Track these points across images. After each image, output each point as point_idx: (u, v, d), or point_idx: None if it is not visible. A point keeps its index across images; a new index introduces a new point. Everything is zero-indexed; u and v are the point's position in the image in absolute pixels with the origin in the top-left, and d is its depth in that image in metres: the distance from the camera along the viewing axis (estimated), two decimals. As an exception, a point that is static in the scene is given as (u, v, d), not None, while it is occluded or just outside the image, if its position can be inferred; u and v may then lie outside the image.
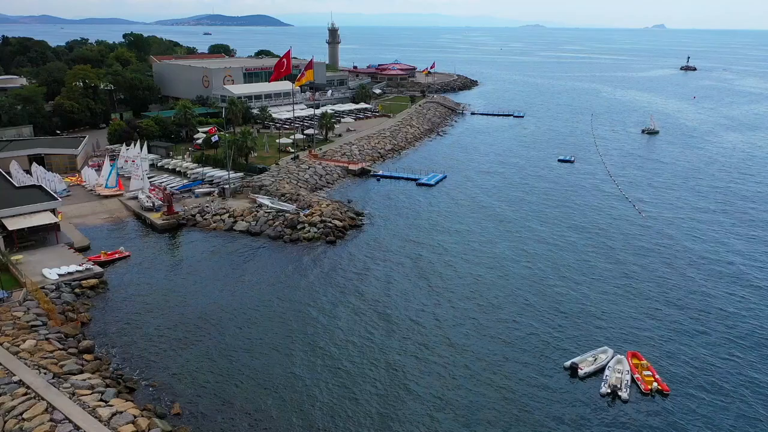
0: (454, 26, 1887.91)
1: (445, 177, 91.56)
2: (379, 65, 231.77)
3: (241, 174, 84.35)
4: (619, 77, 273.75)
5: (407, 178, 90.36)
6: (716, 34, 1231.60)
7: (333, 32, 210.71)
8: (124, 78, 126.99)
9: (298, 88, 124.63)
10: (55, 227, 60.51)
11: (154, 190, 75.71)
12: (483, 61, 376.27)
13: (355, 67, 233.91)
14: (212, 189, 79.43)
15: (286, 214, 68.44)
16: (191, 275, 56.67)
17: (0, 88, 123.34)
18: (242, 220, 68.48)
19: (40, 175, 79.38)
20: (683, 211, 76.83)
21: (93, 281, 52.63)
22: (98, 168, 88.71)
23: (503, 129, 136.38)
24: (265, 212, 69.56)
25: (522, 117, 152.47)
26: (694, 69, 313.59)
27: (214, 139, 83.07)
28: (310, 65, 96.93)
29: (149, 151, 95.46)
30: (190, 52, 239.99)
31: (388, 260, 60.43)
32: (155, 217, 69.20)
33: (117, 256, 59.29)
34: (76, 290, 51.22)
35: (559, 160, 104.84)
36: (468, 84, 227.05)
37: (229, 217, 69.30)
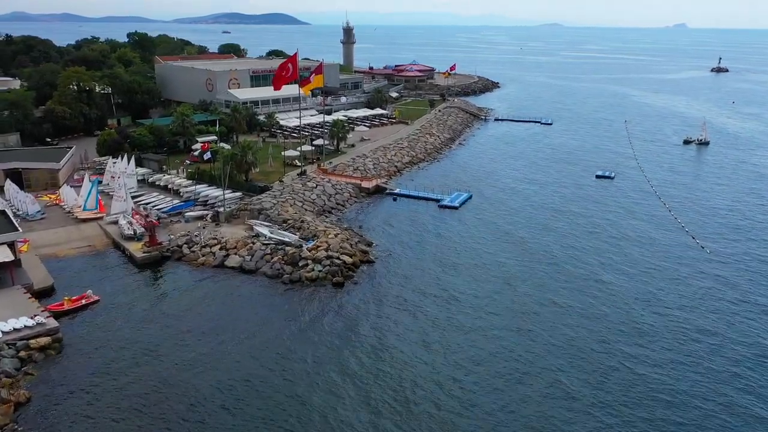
0: (468, 25, 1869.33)
1: (470, 197, 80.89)
2: (396, 66, 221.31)
3: (239, 194, 74.41)
4: (646, 79, 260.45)
5: (428, 198, 79.81)
6: (740, 34, 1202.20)
7: (348, 31, 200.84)
8: (122, 80, 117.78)
9: (308, 92, 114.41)
10: (9, 265, 50.83)
11: (137, 214, 65.98)
12: (503, 61, 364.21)
13: (371, 68, 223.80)
14: (205, 212, 69.56)
15: (287, 248, 58.27)
16: (169, 328, 46.69)
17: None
18: (236, 253, 58.43)
19: (12, 193, 70.25)
20: (758, 245, 65.37)
21: (45, 340, 42.84)
22: (81, 185, 79.42)
23: (531, 138, 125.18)
24: (263, 244, 59.45)
25: (550, 124, 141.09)
26: (726, 70, 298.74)
27: (207, 156, 73.27)
28: (319, 69, 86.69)
29: (140, 165, 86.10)
30: (201, 51, 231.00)
31: (404, 312, 49.96)
32: (135, 249, 59.44)
33: (83, 302, 49.52)
34: (21, 354, 41.44)
35: (597, 176, 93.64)
36: (489, 86, 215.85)
37: (220, 249, 59.30)
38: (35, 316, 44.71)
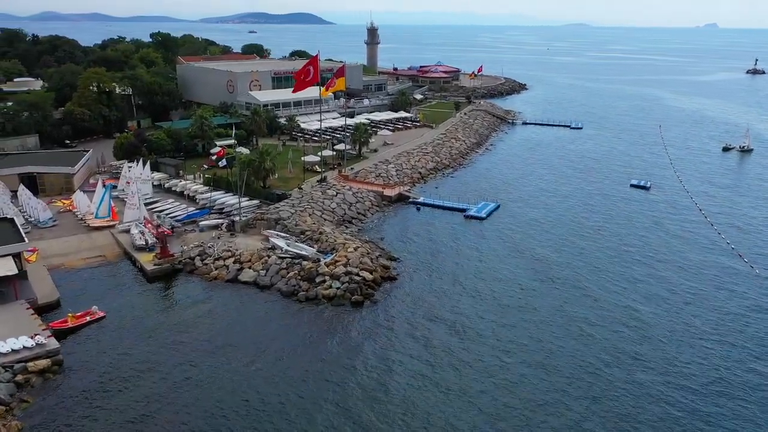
0: (492, 25, 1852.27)
1: (498, 207, 76.90)
2: (420, 67, 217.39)
3: (256, 202, 71.54)
4: (678, 81, 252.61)
5: (453, 208, 76.03)
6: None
7: (372, 32, 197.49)
8: (142, 82, 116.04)
9: (330, 94, 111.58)
10: (13, 279, 48.45)
11: (149, 223, 63.43)
12: (529, 62, 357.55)
13: (395, 69, 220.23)
14: (221, 220, 66.75)
15: (304, 262, 55.07)
16: (176, 349, 43.82)
17: (12, 92, 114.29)
18: (250, 267, 55.43)
19: (24, 199, 68.32)
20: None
21: (44, 363, 40.26)
22: (95, 190, 77.43)
23: (561, 143, 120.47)
24: (278, 257, 56.34)
25: (580, 128, 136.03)
26: (763, 72, 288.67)
27: (222, 163, 70.51)
28: (341, 72, 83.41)
29: (157, 169, 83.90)
30: (225, 51, 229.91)
31: (425, 339, 46.40)
32: (146, 261, 56.83)
33: (88, 318, 46.96)
34: (18, 378, 38.87)
35: (632, 186, 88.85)
36: (516, 88, 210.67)
37: (234, 262, 56.37)
38: (36, 335, 42.16)
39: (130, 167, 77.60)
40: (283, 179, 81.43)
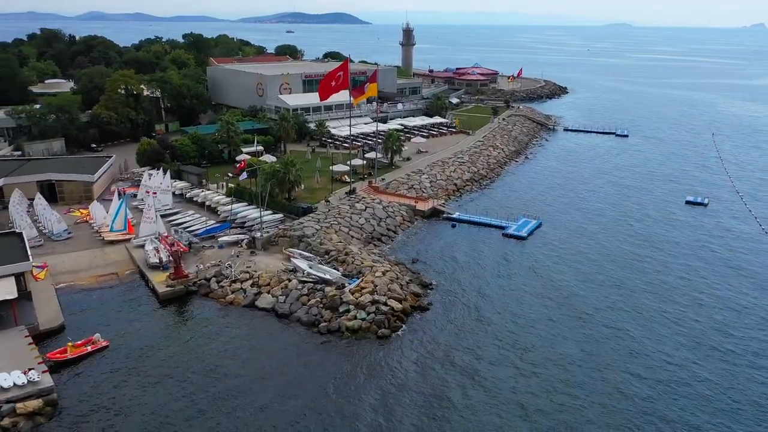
0: (532, 25, 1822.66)
1: (540, 224, 70.87)
2: (457, 69, 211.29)
3: (279, 216, 67.15)
4: (729, 85, 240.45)
5: (491, 225, 70.36)
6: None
7: (407, 33, 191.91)
8: (171, 84, 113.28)
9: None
10: (14, 301, 44.82)
11: (165, 239, 59.51)
12: (569, 63, 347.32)
13: (430, 71, 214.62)
14: (241, 236, 62.52)
15: (327, 288, 50.27)
16: (182, 386, 39.51)
17: (42, 94, 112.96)
18: (269, 292, 50.91)
19: (40, 209, 65.31)
20: None
21: (35, 404, 36.33)
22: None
23: (607, 152, 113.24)
24: (299, 281, 51.69)
25: (626, 136, 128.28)
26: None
27: (243, 176, 66.12)
28: (373, 77, 78.46)
29: (179, 178, 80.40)
30: (260, 52, 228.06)
31: (458, 381, 41.03)
32: (158, 281, 52.89)
33: (89, 348, 43.05)
34: (5, 421, 35.00)
35: (688, 202, 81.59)
36: (557, 91, 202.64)
37: (252, 285, 51.95)
38: (29, 370, 38.29)
39: (151, 175, 74.33)
40: (310, 190, 76.96)
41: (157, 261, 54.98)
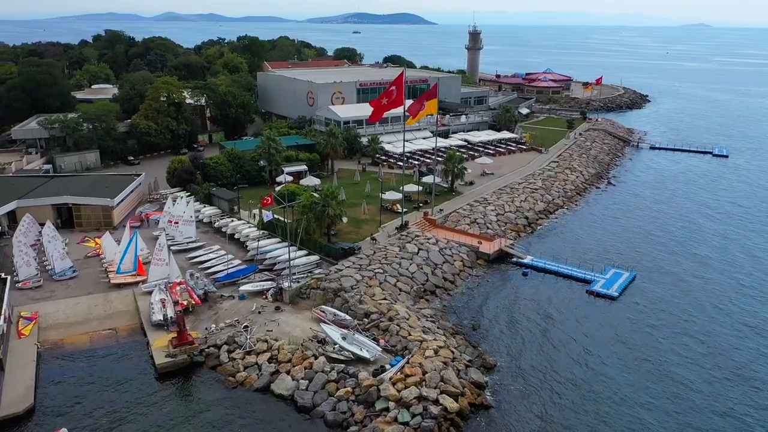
0: (604, 25, 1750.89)
1: (634, 278, 57.24)
2: (526, 74, 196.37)
3: (315, 258, 56.53)
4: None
5: (572, 277, 57.34)
6: None
7: (474, 36, 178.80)
8: (215, 92, 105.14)
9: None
10: (-30, 381, 35.98)
11: (177, 286, 49.91)
12: (647, 68, 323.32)
13: (497, 76, 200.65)
14: (267, 283, 52.24)
15: (361, 374, 39.06)
16: None
17: (83, 101, 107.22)
18: (288, 372, 40.13)
19: (46, 241, 57.15)
20: None
21: None
22: (140, 224, 66.22)
23: (704, 176, 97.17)
24: (328, 358, 40.74)
25: (726, 156, 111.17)
26: None
27: (268, 217, 55.20)
28: (432, 92, 66.67)
29: (209, 202, 71.27)
30: (320, 54, 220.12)
31: None
32: (159, 345, 43.19)
33: (51, 451, 33.54)
34: None
35: (819, 250, 65.76)
36: (637, 100, 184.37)
37: (269, 360, 41.36)
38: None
39: (175, 200, 65.37)
40: (355, 222, 66.08)
41: (161, 318, 45.27)
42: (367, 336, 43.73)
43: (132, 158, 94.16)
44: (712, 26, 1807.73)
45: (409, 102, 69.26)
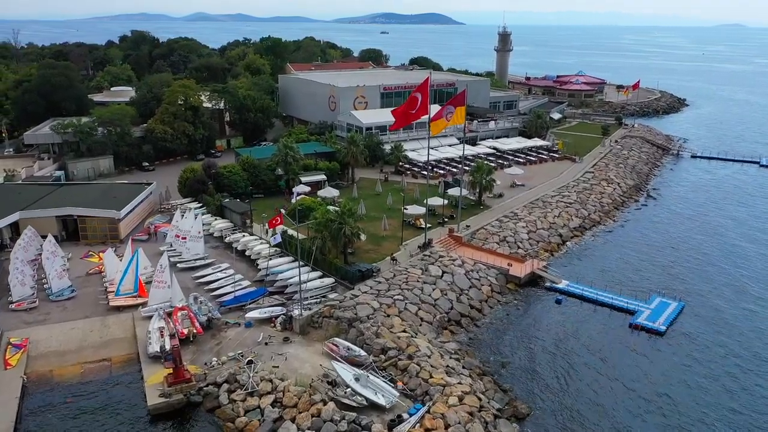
0: (636, 25, 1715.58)
1: (682, 308, 51.49)
2: (557, 77, 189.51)
3: (330, 281, 52.02)
4: None
5: (613, 306, 51.83)
6: None
7: (504, 37, 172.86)
8: (233, 96, 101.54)
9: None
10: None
11: (179, 311, 45.85)
12: (683, 70, 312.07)
13: (527, 78, 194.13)
14: (277, 308, 47.92)
15: (375, 425, 34.38)
16: None
17: (101, 103, 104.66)
18: (293, 420, 35.58)
19: (45, 256, 53.73)
20: None
21: None
22: (147, 237, 62.76)
23: (752, 189, 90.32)
24: (339, 403, 36.13)
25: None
26: None
27: (275, 239, 50.43)
28: (460, 98, 61.61)
29: (221, 215, 67.36)
30: (346, 55, 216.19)
31: None
32: (152, 382, 39.13)
33: None
34: None
35: None
36: (674, 104, 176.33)
37: (273, 404, 36.88)
38: None
39: (184, 213, 61.59)
40: (375, 238, 61.43)
41: (158, 350, 41.14)
42: (383, 377, 39.03)
43: (147, 164, 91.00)
44: (747, 26, 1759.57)
45: (435, 107, 64.41)
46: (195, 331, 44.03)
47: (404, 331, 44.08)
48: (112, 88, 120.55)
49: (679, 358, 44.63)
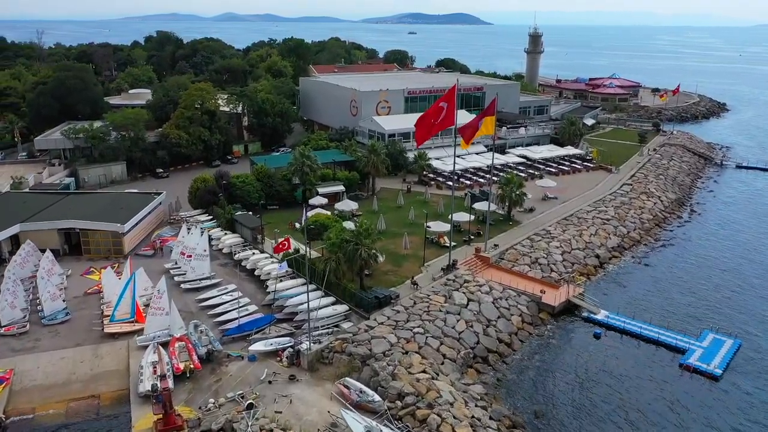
0: (670, 25, 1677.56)
1: (739, 347, 45.64)
2: (590, 80, 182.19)
3: (344, 309, 47.41)
4: None
5: (660, 343, 46.21)
6: None
7: (535, 39, 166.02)
8: (252, 99, 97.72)
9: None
10: None
11: (176, 342, 41.69)
12: (721, 72, 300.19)
13: (558, 81, 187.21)
14: (283, 339, 43.50)
15: (387, 494, 29.66)
16: None
17: (117, 106, 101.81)
18: (294, 481, 31.13)
19: (42, 273, 50.16)
20: None
21: None
22: (152, 252, 59.07)
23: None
24: (347, 465, 31.52)
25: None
26: None
27: (281, 268, 45.76)
28: (490, 109, 56.59)
29: (232, 230, 63.28)
30: (371, 56, 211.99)
31: None
32: (138, 428, 34.99)
33: None
34: None
35: None
36: (714, 109, 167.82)
37: (272, 460, 32.44)
38: None
39: (190, 228, 57.66)
40: (395, 258, 56.68)
41: (149, 389, 36.93)
42: (398, 429, 34.25)
43: (161, 171, 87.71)
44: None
45: (462, 113, 59.43)
46: (192, 366, 39.79)
47: (424, 372, 39.19)
48: (130, 91, 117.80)
49: (739, 409, 38.91)
